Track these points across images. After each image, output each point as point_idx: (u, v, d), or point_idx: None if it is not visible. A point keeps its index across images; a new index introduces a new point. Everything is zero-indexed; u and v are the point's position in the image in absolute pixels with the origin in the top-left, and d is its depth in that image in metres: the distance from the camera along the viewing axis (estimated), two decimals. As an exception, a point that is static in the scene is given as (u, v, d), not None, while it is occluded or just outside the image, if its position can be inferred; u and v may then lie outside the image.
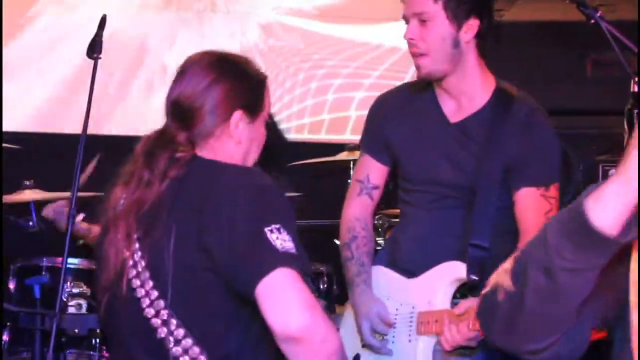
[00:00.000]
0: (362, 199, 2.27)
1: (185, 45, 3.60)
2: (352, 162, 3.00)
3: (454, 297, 2.15)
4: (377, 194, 2.26)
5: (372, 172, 2.24)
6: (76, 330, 2.51)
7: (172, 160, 1.64)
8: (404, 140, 2.18)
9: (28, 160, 2.96)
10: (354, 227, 2.27)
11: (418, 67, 2.06)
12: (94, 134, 2.35)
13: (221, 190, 1.64)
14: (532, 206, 2.06)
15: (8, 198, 2.76)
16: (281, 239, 1.55)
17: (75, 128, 3.49)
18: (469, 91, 2.08)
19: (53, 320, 2.25)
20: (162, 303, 1.61)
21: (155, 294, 1.61)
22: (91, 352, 2.54)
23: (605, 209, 0.90)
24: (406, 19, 1.98)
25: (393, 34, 3.62)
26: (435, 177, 2.12)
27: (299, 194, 2.94)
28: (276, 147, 2.23)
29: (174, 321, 1.60)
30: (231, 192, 1.63)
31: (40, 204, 2.76)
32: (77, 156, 2.19)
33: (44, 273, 2.56)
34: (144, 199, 1.64)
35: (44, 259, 2.59)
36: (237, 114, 1.64)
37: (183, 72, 1.70)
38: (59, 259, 2.62)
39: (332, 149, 3.28)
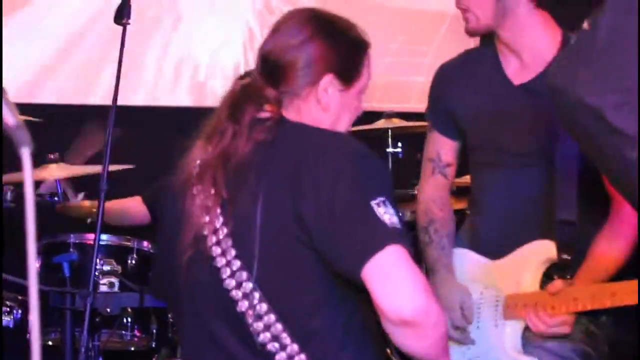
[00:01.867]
0: (436, 179, 2.15)
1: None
2: (389, 131, 2.88)
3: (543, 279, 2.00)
4: (451, 172, 2.14)
5: (442, 149, 2.12)
6: (108, 310, 2.37)
7: (258, 119, 1.53)
8: (469, 110, 2.06)
9: (52, 134, 2.85)
10: (431, 209, 2.15)
11: (465, 23, 1.95)
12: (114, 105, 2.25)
13: (320, 157, 1.50)
14: None
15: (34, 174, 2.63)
16: (388, 213, 1.41)
17: (97, 99, 3.38)
18: (530, 46, 1.92)
19: (86, 300, 2.14)
20: (244, 275, 1.50)
21: (237, 264, 1.50)
22: (123, 332, 2.44)
23: None
24: None
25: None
26: (504, 146, 1.99)
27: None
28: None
29: (256, 295, 1.49)
30: (332, 159, 1.49)
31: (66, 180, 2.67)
32: (106, 128, 2.09)
33: (71, 250, 2.44)
34: (229, 152, 1.52)
35: (71, 235, 2.47)
36: (327, 78, 1.53)
37: (279, 25, 1.60)
38: (87, 235, 2.52)
39: (368, 117, 3.16)
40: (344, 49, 1.59)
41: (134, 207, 2.74)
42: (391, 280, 1.42)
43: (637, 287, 1.81)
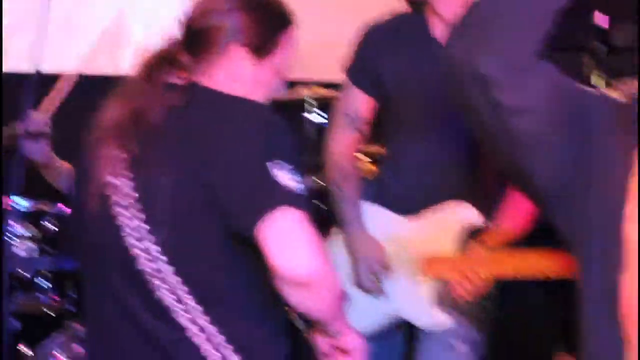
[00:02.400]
0: (351, 134, 2.22)
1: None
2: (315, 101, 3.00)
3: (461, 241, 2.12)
4: (366, 129, 2.21)
5: (361, 106, 2.18)
6: (26, 274, 2.47)
7: (172, 84, 1.58)
8: (396, 72, 2.15)
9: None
10: (343, 164, 2.22)
11: None
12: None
13: (225, 122, 1.56)
14: None
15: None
16: (287, 177, 1.48)
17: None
18: (456, 11, 2.05)
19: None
20: (151, 239, 1.54)
21: (145, 228, 1.54)
22: (40, 295, 2.53)
23: None
24: None
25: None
26: (430, 109, 2.07)
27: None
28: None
29: (163, 258, 1.53)
30: (236, 125, 1.56)
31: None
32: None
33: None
34: (140, 112, 1.56)
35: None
36: (240, 50, 1.58)
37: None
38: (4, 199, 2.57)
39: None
40: (262, 23, 1.61)
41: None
42: (286, 240, 1.47)
43: (554, 257, 1.92)
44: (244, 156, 1.53)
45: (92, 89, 2.22)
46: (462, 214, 2.17)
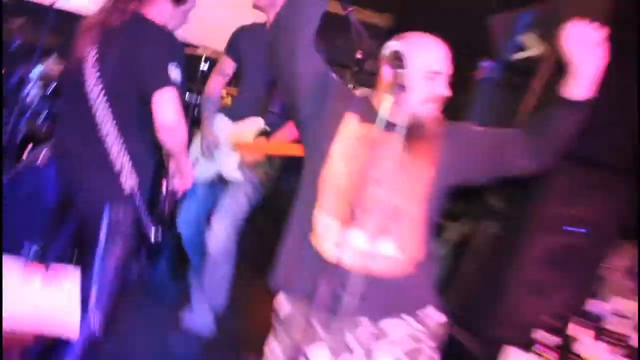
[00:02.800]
0: (222, 78, 3.31)
1: None
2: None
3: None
4: (229, 77, 3.34)
5: (228, 67, 3.30)
6: None
7: (126, 9, 2.29)
8: (243, 50, 3.21)
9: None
10: (211, 91, 3.28)
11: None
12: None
13: (149, 37, 2.29)
14: None
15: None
16: (175, 73, 2.25)
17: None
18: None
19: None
20: (98, 82, 2.26)
21: (96, 75, 2.27)
22: None
23: None
24: None
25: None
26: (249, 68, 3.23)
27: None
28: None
29: (104, 99, 2.27)
30: (155, 39, 2.30)
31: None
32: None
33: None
34: (107, 22, 2.29)
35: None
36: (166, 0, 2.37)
37: None
38: None
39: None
40: None
41: None
42: (165, 103, 2.20)
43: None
44: (156, 57, 2.23)
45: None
46: (257, 122, 3.12)
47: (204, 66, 4.45)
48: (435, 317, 1.94)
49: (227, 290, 3.22)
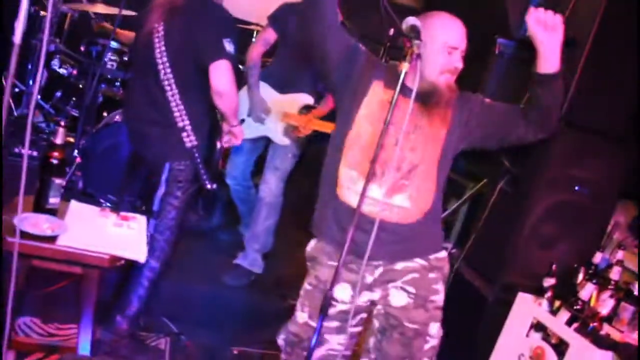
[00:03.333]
0: (262, 47, 3.47)
1: None
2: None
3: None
4: (270, 44, 3.50)
5: (270, 36, 3.46)
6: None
7: None
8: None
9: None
10: (254, 58, 3.44)
11: None
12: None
13: (210, 13, 2.48)
14: None
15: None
16: (229, 47, 2.44)
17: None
18: None
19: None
20: (165, 53, 2.50)
21: (163, 47, 2.50)
22: None
23: None
24: None
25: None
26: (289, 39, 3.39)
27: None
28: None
29: (168, 64, 2.51)
30: (211, 15, 2.48)
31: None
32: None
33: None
34: (172, 1, 2.51)
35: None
36: None
37: None
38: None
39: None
40: None
41: None
42: (220, 73, 2.42)
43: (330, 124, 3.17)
44: (212, 33, 2.42)
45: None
46: (303, 97, 3.42)
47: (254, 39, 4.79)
48: (441, 257, 2.14)
49: (273, 236, 3.61)
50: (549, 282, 2.75)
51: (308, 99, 3.42)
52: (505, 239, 2.90)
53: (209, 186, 2.65)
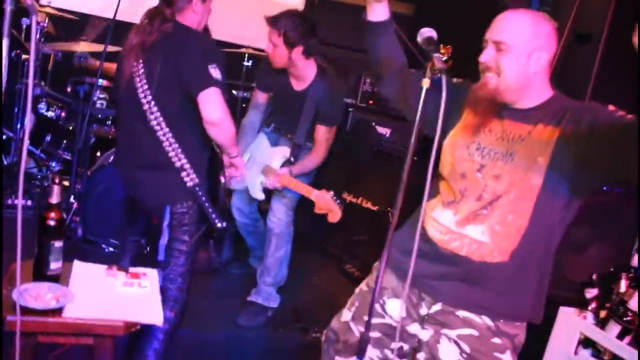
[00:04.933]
0: (255, 112, 3.39)
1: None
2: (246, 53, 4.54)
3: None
4: (263, 108, 3.40)
5: (261, 98, 3.37)
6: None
7: (163, 21, 2.34)
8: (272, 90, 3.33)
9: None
10: (251, 121, 3.38)
11: None
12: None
13: (189, 42, 2.32)
14: None
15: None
16: (216, 73, 2.25)
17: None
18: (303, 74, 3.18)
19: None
20: (148, 92, 2.32)
21: (146, 87, 2.34)
22: None
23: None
24: None
25: None
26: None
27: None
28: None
29: (152, 102, 2.33)
30: (194, 44, 2.31)
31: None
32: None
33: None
34: (146, 40, 2.34)
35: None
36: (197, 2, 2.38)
37: None
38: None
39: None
40: None
41: None
42: (210, 102, 2.23)
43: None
44: (195, 60, 2.23)
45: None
46: (285, 151, 3.24)
47: (247, 62, 4.62)
48: (517, 324, 1.73)
49: (287, 267, 3.38)
50: (591, 292, 2.53)
51: (287, 152, 3.25)
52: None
53: (219, 225, 2.41)
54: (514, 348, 1.75)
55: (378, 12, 1.83)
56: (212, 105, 2.25)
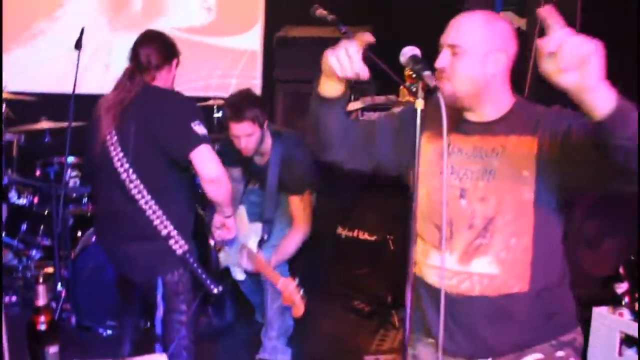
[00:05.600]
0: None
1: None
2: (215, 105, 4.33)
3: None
4: None
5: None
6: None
7: (138, 83, 2.28)
8: None
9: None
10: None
11: None
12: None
13: (165, 103, 2.26)
14: None
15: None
16: (200, 129, 2.21)
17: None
18: None
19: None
20: (125, 160, 2.23)
21: (122, 154, 2.24)
22: None
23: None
24: None
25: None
26: None
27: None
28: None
29: (131, 170, 2.23)
30: (170, 103, 2.27)
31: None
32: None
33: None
34: (126, 97, 2.26)
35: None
36: (171, 62, 2.39)
37: (141, 41, 2.35)
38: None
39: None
40: (175, 49, 2.39)
41: None
42: (205, 159, 2.19)
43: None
44: (176, 121, 2.18)
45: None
46: (256, 231, 3.02)
47: (217, 114, 4.48)
48: (573, 336, 1.62)
49: (291, 315, 3.08)
50: (621, 287, 2.41)
51: (259, 231, 3.06)
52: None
53: (215, 291, 2.29)
54: (576, 352, 1.63)
55: (329, 88, 1.55)
56: (208, 162, 2.19)
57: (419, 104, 1.37)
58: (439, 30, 1.59)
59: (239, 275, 3.10)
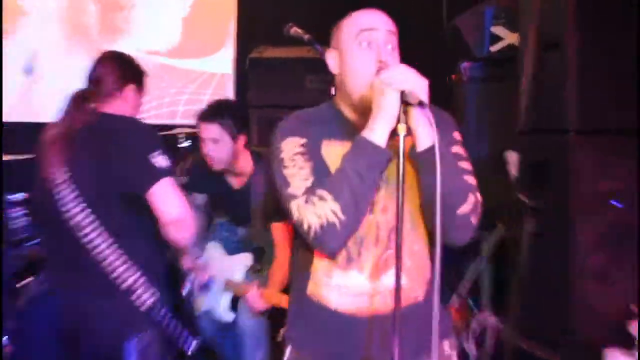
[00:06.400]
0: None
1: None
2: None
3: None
4: None
5: None
6: None
7: (87, 110, 2.04)
8: None
9: None
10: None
11: None
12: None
13: (119, 133, 2.00)
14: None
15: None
16: (161, 160, 1.96)
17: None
18: None
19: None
20: (76, 201, 1.95)
21: (72, 195, 1.96)
22: None
23: (375, 132, 1.37)
24: None
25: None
26: None
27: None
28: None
29: (88, 210, 1.96)
30: (125, 133, 2.00)
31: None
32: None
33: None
34: (70, 129, 2.00)
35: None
36: (131, 86, 2.14)
37: (96, 62, 2.15)
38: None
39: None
40: (138, 70, 2.17)
41: None
42: (164, 197, 1.92)
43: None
44: (136, 152, 1.93)
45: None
46: (248, 258, 2.88)
47: (184, 144, 4.13)
48: (449, 350, 1.65)
49: None
50: (635, 326, 2.16)
51: (249, 260, 2.89)
52: (554, 289, 2.37)
53: (191, 348, 2.06)
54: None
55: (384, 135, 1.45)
56: (167, 200, 1.92)
57: (402, 129, 1.33)
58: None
59: (226, 315, 2.85)
